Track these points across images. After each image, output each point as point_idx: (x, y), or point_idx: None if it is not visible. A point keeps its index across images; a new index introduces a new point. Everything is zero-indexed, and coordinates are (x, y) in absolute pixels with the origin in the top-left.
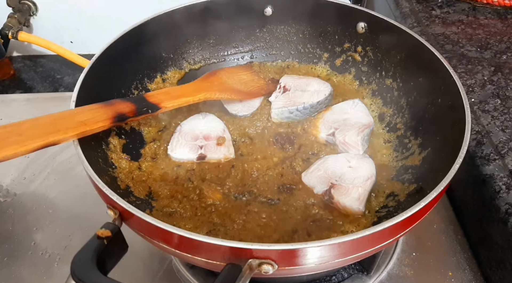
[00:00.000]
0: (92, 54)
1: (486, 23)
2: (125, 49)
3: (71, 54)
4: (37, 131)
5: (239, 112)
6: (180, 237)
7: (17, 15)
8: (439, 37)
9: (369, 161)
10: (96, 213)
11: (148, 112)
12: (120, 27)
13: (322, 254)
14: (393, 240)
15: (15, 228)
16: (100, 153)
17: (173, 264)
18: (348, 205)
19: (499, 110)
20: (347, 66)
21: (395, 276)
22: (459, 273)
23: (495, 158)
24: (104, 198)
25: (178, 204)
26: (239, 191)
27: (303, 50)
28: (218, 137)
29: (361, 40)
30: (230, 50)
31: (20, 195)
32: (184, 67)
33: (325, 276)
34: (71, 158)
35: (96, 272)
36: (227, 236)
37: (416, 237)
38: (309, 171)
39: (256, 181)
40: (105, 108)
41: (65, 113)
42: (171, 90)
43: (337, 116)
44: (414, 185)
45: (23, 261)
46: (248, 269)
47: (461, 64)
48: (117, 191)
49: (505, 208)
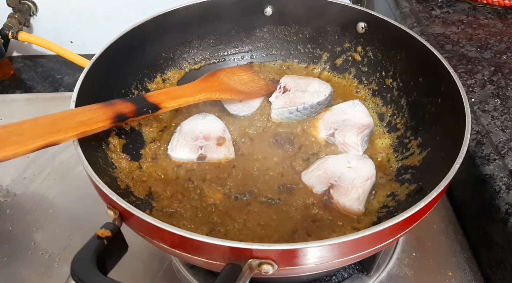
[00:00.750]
0: (92, 54)
1: (486, 23)
2: (125, 49)
3: (71, 54)
4: (37, 131)
5: (239, 112)
6: (180, 237)
7: (17, 15)
8: (439, 37)
9: (369, 162)
10: (96, 213)
11: (149, 113)
12: (120, 27)
13: (322, 254)
14: (393, 240)
15: (15, 228)
16: (100, 153)
17: (173, 264)
18: (348, 205)
19: (499, 110)
20: (347, 66)
21: (395, 276)
22: (459, 273)
23: (495, 158)
24: (104, 198)
25: (178, 204)
26: (240, 191)
27: (303, 50)
28: (218, 137)
29: (361, 40)
30: (230, 50)
31: (20, 195)
32: (184, 67)
33: (325, 276)
34: (71, 158)
35: (96, 272)
36: (228, 236)
37: (416, 237)
38: (309, 170)
39: (256, 181)
40: (105, 109)
41: (65, 114)
42: (171, 90)
43: (336, 117)
44: (414, 185)
45: (23, 261)
46: (248, 269)
47: (461, 64)
48: (117, 191)
49: (505, 208)
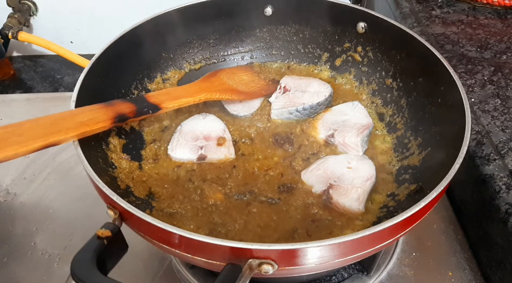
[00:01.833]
0: (92, 54)
1: (486, 23)
2: (125, 49)
3: (71, 54)
4: (38, 131)
5: (239, 112)
6: (180, 237)
7: (17, 15)
8: (439, 37)
9: (369, 162)
10: (96, 213)
11: (149, 113)
12: (120, 27)
13: (322, 254)
14: (393, 240)
15: (15, 228)
16: (100, 153)
17: (173, 264)
18: (348, 205)
19: (499, 110)
20: (347, 66)
21: (395, 276)
22: (459, 273)
23: (495, 158)
24: (104, 198)
25: (179, 204)
26: (240, 191)
27: (303, 50)
28: (219, 137)
29: (361, 40)
30: (230, 50)
31: (20, 195)
32: (184, 67)
33: (325, 276)
34: (71, 158)
35: (96, 272)
36: (228, 236)
37: (416, 237)
38: (309, 170)
39: (257, 181)
40: (105, 109)
41: (66, 114)
42: (172, 90)
43: (336, 117)
44: (414, 185)
45: (23, 261)
46: (248, 269)
47: (461, 64)
48: (117, 191)
49: (505, 208)
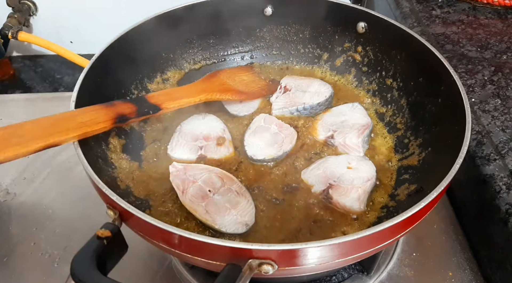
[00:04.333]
0: (92, 54)
1: (486, 23)
2: (125, 49)
3: (71, 54)
4: (38, 132)
5: (239, 112)
6: (180, 237)
7: (17, 15)
8: (439, 37)
9: (369, 163)
10: (96, 213)
11: (149, 114)
12: (120, 27)
13: (322, 254)
14: (393, 240)
15: (15, 228)
16: (100, 153)
17: (173, 264)
18: (348, 205)
19: (500, 110)
20: (347, 66)
21: (395, 276)
22: (459, 273)
23: (495, 158)
24: (104, 198)
25: (179, 204)
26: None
27: (303, 50)
28: (218, 137)
29: (361, 40)
30: (230, 50)
31: (20, 195)
32: (184, 67)
33: (325, 276)
34: (71, 158)
35: (96, 272)
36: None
37: (416, 237)
38: (309, 169)
39: (258, 181)
40: (106, 110)
41: (66, 114)
42: (172, 91)
43: (335, 118)
44: (414, 185)
45: (23, 261)
46: (248, 269)
47: (461, 64)
48: (117, 191)
49: (505, 208)
